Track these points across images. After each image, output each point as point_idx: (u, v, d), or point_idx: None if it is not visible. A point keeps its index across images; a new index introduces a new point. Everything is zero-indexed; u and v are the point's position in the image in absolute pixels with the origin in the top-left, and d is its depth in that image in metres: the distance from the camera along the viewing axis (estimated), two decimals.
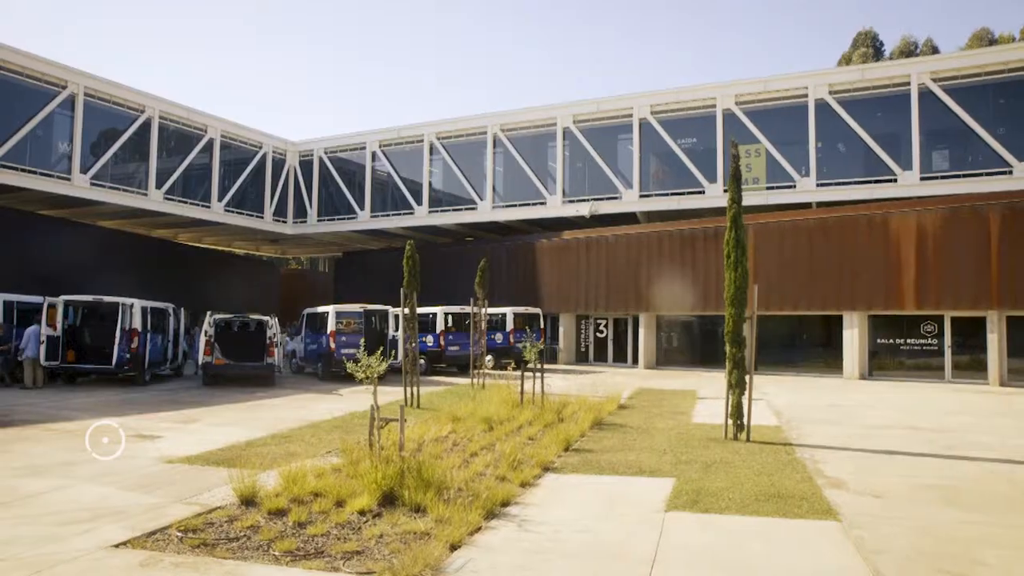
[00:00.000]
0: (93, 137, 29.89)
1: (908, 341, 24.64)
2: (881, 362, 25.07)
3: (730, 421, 11.70)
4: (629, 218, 31.47)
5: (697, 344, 32.53)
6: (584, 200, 31.70)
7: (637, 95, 30.94)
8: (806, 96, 27.78)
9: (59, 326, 19.10)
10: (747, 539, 6.46)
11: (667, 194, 30.47)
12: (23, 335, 19.23)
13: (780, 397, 18.46)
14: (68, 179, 28.60)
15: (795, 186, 27.88)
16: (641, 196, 30.72)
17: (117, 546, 5.92)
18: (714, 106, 29.30)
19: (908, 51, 50.58)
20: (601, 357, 31.52)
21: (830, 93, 27.39)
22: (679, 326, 32.47)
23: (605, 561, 5.86)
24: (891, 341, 25.00)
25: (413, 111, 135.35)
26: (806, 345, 28.27)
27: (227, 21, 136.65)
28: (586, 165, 32.29)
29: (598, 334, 31.65)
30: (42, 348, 18.73)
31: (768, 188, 28.37)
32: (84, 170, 28.97)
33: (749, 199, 13.82)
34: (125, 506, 7.14)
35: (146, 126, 31.54)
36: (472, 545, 6.13)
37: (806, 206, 27.63)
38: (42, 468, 8.93)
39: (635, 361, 29.95)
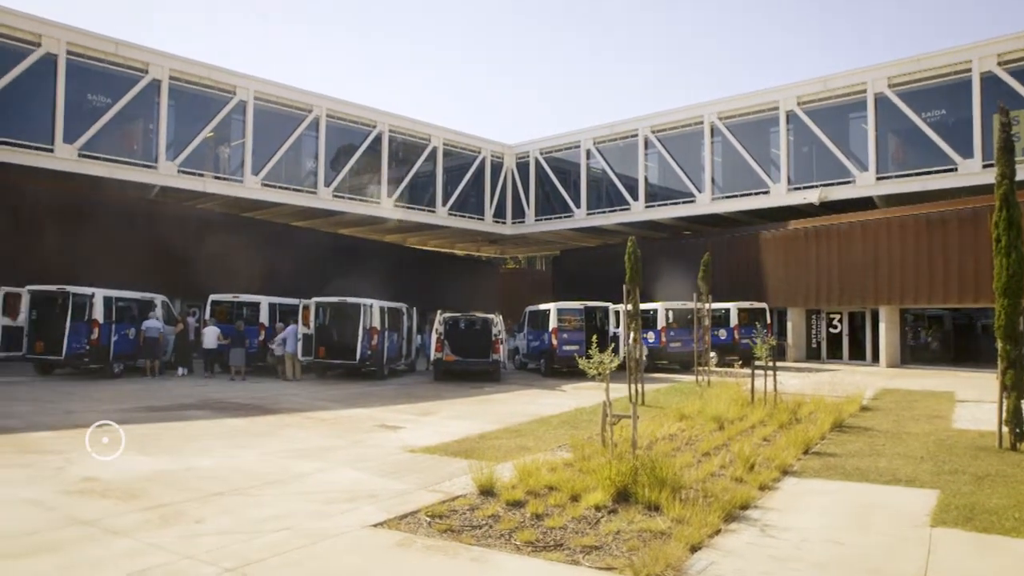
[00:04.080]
0: (332, 153, 33.06)
1: None
2: None
3: (1006, 428, 10.22)
4: (864, 203, 28.79)
5: (950, 340, 29.21)
6: (812, 187, 29.54)
7: (870, 68, 28.23)
8: None
9: (311, 325, 21.27)
10: None
11: (910, 174, 27.45)
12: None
13: None
14: (314, 192, 31.89)
15: None
16: (878, 179, 27.99)
17: (375, 526, 6.40)
18: (968, 70, 25.82)
19: None
20: (835, 354, 29.22)
21: None
22: (927, 320, 29.32)
23: None
24: None
25: (620, 108, 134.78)
26: None
27: (425, 27, 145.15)
28: (813, 149, 30.08)
29: (831, 329, 29.37)
30: (299, 345, 20.99)
31: None
32: (327, 183, 32.13)
33: (1020, 173, 11.92)
34: (377, 490, 7.72)
35: (377, 140, 34.28)
36: (712, 548, 5.89)
37: None
38: (305, 452, 9.93)
39: (875, 359, 27.41)
